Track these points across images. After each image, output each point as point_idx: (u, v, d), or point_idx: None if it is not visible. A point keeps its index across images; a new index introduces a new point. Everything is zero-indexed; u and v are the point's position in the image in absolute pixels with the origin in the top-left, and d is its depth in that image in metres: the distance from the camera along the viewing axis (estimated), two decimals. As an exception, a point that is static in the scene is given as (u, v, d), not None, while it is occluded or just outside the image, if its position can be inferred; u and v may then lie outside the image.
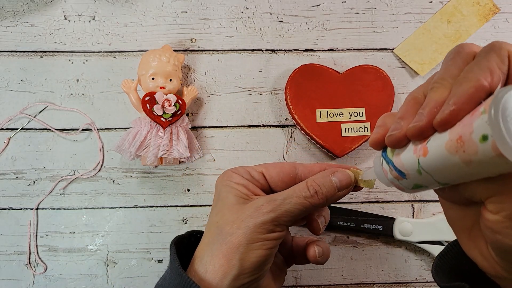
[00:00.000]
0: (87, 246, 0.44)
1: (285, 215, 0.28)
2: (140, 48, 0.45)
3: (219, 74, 0.45)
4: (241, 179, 0.31)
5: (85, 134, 0.45)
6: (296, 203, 0.28)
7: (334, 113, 0.43)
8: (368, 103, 0.43)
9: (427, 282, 0.44)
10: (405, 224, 0.42)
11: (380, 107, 0.43)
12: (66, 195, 0.44)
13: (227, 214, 0.29)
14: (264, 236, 0.28)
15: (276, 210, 0.28)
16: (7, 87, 0.45)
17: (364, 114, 0.43)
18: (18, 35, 0.45)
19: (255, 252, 0.28)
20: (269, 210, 0.28)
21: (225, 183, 0.31)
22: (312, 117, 0.43)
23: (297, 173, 0.31)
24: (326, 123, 0.43)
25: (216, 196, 0.31)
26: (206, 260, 0.29)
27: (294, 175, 0.31)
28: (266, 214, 0.28)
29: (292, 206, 0.28)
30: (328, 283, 0.44)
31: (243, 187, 0.30)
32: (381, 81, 0.43)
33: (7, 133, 0.44)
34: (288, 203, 0.28)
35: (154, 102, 0.40)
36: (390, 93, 0.43)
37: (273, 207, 0.28)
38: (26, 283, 0.43)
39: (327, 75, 0.43)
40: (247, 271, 0.28)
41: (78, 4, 0.45)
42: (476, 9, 0.46)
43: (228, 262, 0.28)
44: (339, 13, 0.46)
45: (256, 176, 0.31)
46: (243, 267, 0.28)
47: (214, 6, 0.46)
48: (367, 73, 0.43)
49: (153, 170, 0.45)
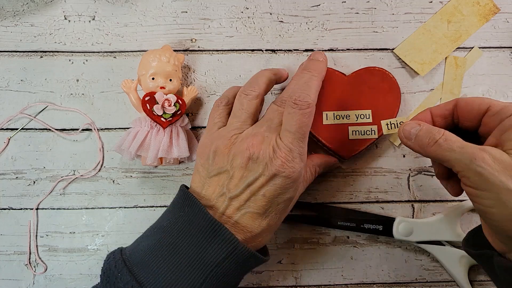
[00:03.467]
0: (87, 246, 0.44)
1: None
2: (140, 48, 0.45)
3: (219, 74, 0.45)
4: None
5: (85, 134, 0.45)
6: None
7: (341, 116, 0.43)
8: (374, 105, 0.43)
9: (427, 282, 0.44)
10: (405, 224, 0.42)
11: (387, 109, 0.43)
12: (66, 195, 0.44)
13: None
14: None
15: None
16: (7, 87, 0.45)
17: (371, 116, 0.42)
18: (18, 35, 0.45)
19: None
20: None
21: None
22: (318, 119, 0.43)
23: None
24: (332, 125, 0.43)
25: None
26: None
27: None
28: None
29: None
30: (328, 283, 0.44)
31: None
32: (387, 83, 0.43)
33: (7, 133, 0.44)
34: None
35: (154, 102, 0.40)
36: (396, 95, 0.43)
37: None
38: (26, 283, 0.43)
39: (334, 77, 0.43)
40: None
41: (78, 4, 0.45)
42: (476, 9, 0.46)
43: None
44: (339, 13, 0.46)
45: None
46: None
47: (214, 6, 0.46)
48: (373, 75, 0.43)
49: (153, 170, 0.45)
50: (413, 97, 0.45)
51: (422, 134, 0.34)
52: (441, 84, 0.45)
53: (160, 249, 0.33)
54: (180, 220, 0.34)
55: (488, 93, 0.45)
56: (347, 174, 0.45)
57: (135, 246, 0.35)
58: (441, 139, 0.33)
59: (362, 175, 0.45)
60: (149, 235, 0.35)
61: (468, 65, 0.45)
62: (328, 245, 0.45)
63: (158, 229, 0.34)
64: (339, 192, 0.45)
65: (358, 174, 0.45)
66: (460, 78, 0.45)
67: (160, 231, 0.34)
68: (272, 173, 0.34)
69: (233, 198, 0.34)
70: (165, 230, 0.34)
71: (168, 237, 0.33)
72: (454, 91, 0.45)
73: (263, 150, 0.34)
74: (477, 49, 0.46)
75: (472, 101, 0.35)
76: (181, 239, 0.33)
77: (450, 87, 0.45)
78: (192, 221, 0.33)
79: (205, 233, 0.32)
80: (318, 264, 0.45)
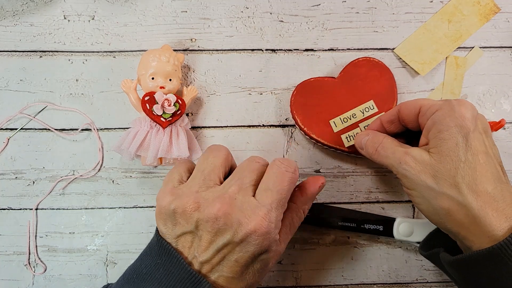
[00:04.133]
0: (86, 247, 0.44)
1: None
2: (139, 48, 0.45)
3: (219, 74, 0.45)
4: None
5: (85, 134, 0.45)
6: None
7: (347, 117, 0.43)
8: (373, 94, 0.43)
9: (427, 283, 0.44)
10: (405, 224, 0.42)
11: (386, 93, 0.43)
12: (66, 195, 0.44)
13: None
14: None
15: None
16: (7, 87, 0.45)
17: (375, 105, 0.43)
18: (18, 35, 0.45)
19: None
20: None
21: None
22: (328, 130, 0.43)
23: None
24: (344, 129, 0.43)
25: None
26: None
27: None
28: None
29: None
30: (328, 283, 0.44)
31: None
32: (376, 70, 0.43)
33: (7, 133, 0.44)
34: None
35: (153, 102, 0.40)
36: (389, 76, 0.43)
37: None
38: (26, 283, 0.43)
39: (324, 84, 0.43)
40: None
41: (78, 3, 0.45)
42: (477, 8, 0.46)
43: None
44: (339, 13, 0.46)
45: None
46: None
47: (214, 6, 0.46)
48: (360, 67, 0.43)
49: (153, 170, 0.45)
50: (414, 97, 0.45)
51: (369, 144, 0.38)
52: (442, 84, 0.45)
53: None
54: (159, 268, 0.32)
55: (488, 93, 0.45)
56: (347, 174, 0.45)
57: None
58: (379, 147, 0.37)
59: (363, 175, 0.45)
60: (130, 280, 0.33)
61: (469, 65, 0.45)
62: (328, 246, 0.45)
63: (138, 276, 0.33)
64: (339, 192, 0.45)
65: (359, 174, 0.45)
66: (461, 78, 0.45)
67: (141, 279, 0.32)
68: (243, 238, 0.30)
69: (203, 263, 0.32)
70: (145, 279, 0.32)
71: (148, 286, 0.31)
72: (454, 91, 0.45)
73: (233, 214, 0.31)
74: (478, 49, 0.46)
75: (409, 104, 0.37)
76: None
77: (451, 87, 0.45)
78: (172, 272, 0.31)
79: (185, 285, 0.31)
80: (318, 264, 0.44)
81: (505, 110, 0.45)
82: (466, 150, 0.32)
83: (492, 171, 0.32)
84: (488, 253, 0.30)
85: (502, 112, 0.45)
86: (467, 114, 0.33)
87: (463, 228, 0.32)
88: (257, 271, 0.32)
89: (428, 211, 0.34)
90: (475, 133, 0.33)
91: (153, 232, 0.44)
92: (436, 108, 0.34)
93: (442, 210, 0.32)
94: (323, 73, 0.45)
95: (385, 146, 0.36)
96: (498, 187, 0.32)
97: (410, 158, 0.34)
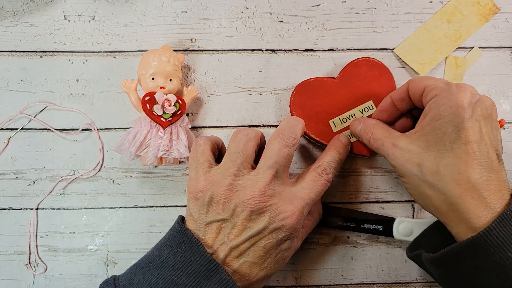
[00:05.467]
0: (87, 246, 0.44)
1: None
2: (140, 48, 0.45)
3: (219, 74, 0.45)
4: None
5: (85, 134, 0.45)
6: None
7: (347, 117, 0.43)
8: (373, 95, 0.43)
9: (427, 282, 0.44)
10: (405, 224, 0.42)
11: (386, 93, 0.43)
12: (66, 195, 0.44)
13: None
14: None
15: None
16: (7, 87, 0.45)
17: (373, 105, 0.43)
18: (18, 35, 0.45)
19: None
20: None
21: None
22: (327, 130, 0.43)
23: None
24: (343, 130, 0.43)
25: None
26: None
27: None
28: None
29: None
30: (328, 283, 0.44)
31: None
32: (376, 69, 0.43)
33: (7, 133, 0.44)
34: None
35: (154, 102, 0.40)
36: (388, 76, 0.43)
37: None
38: (26, 283, 0.43)
39: (324, 85, 0.43)
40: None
41: (78, 4, 0.45)
42: (476, 9, 0.46)
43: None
44: (339, 13, 0.46)
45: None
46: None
47: (214, 6, 0.46)
48: (360, 67, 0.43)
49: (153, 170, 0.45)
50: (413, 97, 0.45)
51: (362, 134, 0.40)
52: (441, 84, 0.45)
53: (156, 285, 0.32)
54: (177, 256, 0.33)
55: (488, 93, 0.45)
56: (347, 174, 0.45)
57: (129, 278, 0.33)
58: (371, 139, 0.38)
59: (362, 175, 0.45)
60: (144, 268, 0.34)
61: (468, 65, 0.45)
62: (328, 245, 0.45)
63: (154, 264, 0.33)
64: (339, 192, 0.45)
65: (358, 174, 0.45)
66: (460, 78, 0.45)
67: (157, 266, 0.33)
68: (277, 226, 0.33)
69: (233, 248, 0.33)
70: (161, 266, 0.33)
71: (165, 273, 0.32)
72: (454, 91, 0.45)
73: (271, 202, 0.33)
74: (477, 49, 0.46)
75: (416, 82, 0.37)
76: (178, 276, 0.32)
77: (450, 87, 0.45)
78: (190, 259, 0.32)
79: (202, 272, 0.32)
80: (318, 264, 0.45)
81: (505, 110, 0.45)
82: (454, 139, 0.32)
83: (481, 160, 0.32)
84: (464, 246, 0.31)
85: (502, 112, 0.45)
86: (464, 101, 0.32)
87: (443, 215, 0.34)
88: (278, 261, 0.35)
89: (416, 196, 0.36)
90: (470, 122, 0.32)
91: (153, 231, 0.44)
92: (436, 93, 0.34)
93: (426, 196, 0.34)
94: (322, 73, 0.45)
95: (376, 137, 0.38)
96: (484, 176, 0.31)
97: (397, 150, 0.36)
